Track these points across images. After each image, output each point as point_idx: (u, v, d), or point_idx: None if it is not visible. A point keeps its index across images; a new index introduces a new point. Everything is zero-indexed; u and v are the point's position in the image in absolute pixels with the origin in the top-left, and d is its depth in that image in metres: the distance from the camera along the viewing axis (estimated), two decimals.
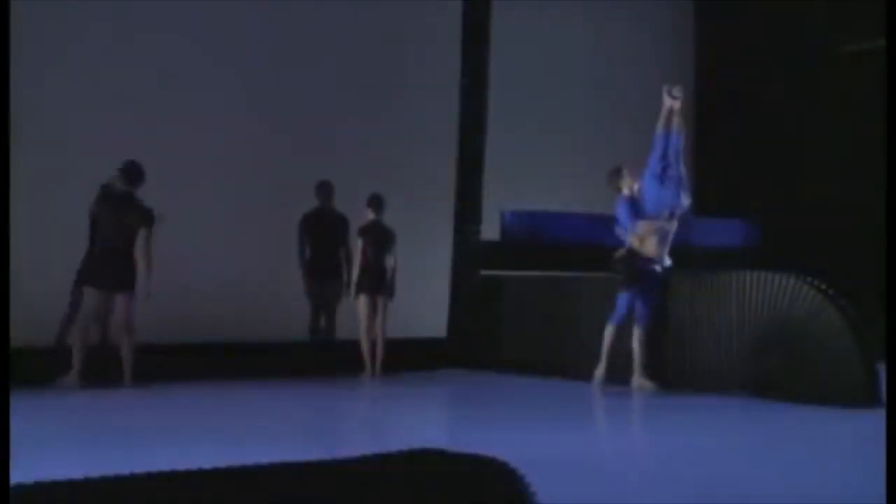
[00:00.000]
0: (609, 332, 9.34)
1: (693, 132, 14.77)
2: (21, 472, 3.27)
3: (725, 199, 13.85)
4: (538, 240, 11.77)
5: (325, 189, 10.75)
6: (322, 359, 10.48)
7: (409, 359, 10.74)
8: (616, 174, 9.71)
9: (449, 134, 11.65)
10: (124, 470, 3.12)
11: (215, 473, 3.77)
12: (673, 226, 9.45)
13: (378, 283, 10.25)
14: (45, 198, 10.07)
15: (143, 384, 9.06)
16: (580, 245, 11.61)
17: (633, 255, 9.34)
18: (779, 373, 8.63)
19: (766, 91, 13.95)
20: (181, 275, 9.99)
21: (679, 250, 10.61)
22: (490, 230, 11.65)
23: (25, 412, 6.76)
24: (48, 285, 9.51)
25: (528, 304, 10.90)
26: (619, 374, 9.39)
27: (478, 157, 11.43)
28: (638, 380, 9.19)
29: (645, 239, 9.32)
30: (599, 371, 9.35)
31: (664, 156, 9.41)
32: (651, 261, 9.32)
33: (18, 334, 7.95)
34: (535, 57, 13.22)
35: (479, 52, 11.52)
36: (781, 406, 8.16)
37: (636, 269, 9.32)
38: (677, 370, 9.38)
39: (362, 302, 10.21)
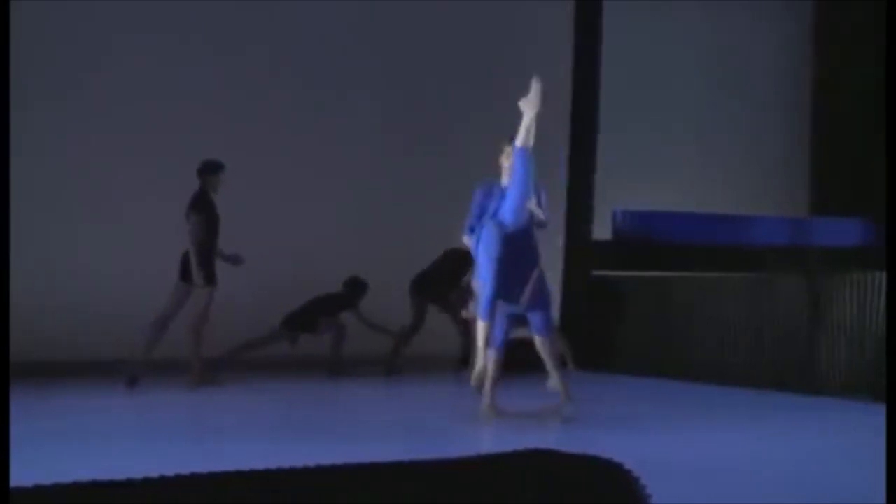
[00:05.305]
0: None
1: (811, 131, 14.46)
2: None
3: (843, 198, 13.55)
4: (650, 239, 11.68)
5: None
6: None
7: (519, 359, 10.72)
8: None
9: (561, 133, 11.62)
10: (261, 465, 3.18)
11: (328, 470, 3.83)
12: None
13: None
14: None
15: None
16: (692, 245, 11.48)
17: None
18: None
19: (885, 89, 13.59)
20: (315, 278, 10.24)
21: (795, 250, 10.41)
22: (602, 230, 11.59)
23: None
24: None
25: (640, 305, 10.81)
26: (731, 373, 9.24)
27: (590, 157, 11.39)
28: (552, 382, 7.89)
29: None
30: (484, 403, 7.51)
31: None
32: None
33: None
34: (647, 55, 13.10)
35: (591, 51, 11.47)
36: None
37: None
38: (797, 372, 9.21)
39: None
